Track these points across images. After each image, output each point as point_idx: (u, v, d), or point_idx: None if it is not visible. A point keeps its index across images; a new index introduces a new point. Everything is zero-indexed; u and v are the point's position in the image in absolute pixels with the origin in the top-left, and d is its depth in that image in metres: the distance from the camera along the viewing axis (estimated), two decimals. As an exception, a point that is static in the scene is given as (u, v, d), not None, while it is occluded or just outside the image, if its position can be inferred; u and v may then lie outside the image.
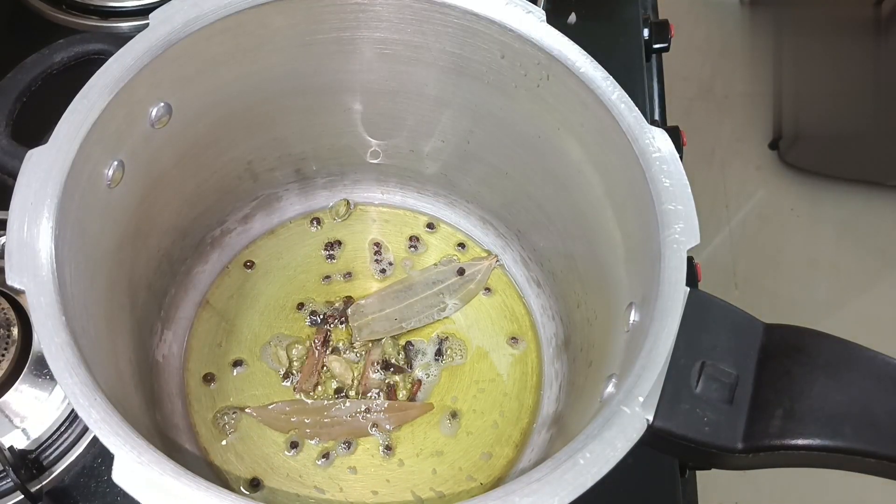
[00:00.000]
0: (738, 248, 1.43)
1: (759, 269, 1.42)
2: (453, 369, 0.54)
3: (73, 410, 0.49)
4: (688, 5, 1.64)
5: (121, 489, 0.30)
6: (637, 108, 0.41)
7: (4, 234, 0.38)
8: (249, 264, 0.57)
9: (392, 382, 0.53)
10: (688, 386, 0.35)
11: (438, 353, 0.54)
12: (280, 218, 0.59)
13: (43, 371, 0.49)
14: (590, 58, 0.42)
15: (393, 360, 0.53)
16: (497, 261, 0.58)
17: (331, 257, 0.58)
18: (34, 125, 0.42)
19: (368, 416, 0.51)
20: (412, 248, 0.59)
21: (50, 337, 0.33)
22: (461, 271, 0.57)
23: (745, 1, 1.69)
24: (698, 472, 0.57)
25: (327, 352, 0.53)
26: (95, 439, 0.44)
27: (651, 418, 0.34)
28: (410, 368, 0.53)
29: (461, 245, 0.59)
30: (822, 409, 0.34)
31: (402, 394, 0.52)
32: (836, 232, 1.46)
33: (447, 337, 0.55)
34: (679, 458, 0.52)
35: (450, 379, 0.54)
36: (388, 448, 0.51)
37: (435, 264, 0.58)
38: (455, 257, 0.58)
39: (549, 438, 0.51)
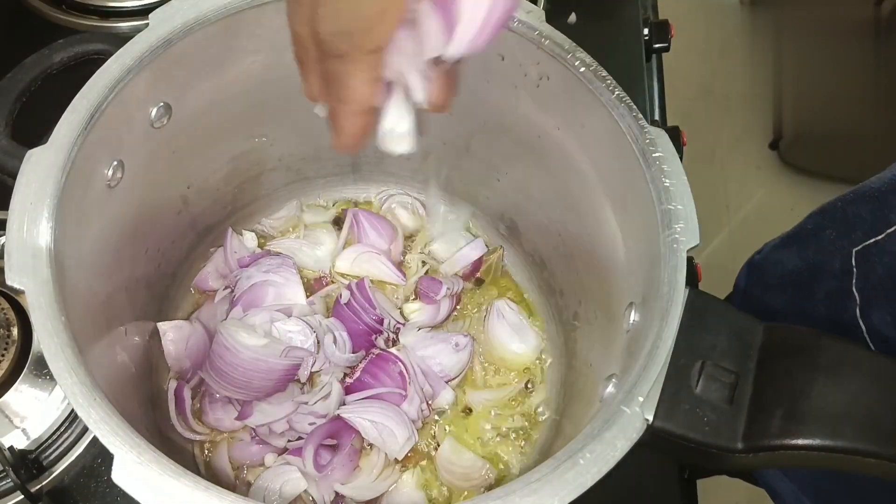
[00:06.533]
0: (738, 248, 1.43)
1: (760, 270, 1.42)
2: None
3: (73, 410, 0.49)
4: (688, 5, 1.64)
5: (121, 489, 0.30)
6: (637, 108, 0.41)
7: (4, 234, 0.38)
8: (249, 264, 0.57)
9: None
10: (688, 386, 0.35)
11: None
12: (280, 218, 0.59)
13: (43, 371, 0.49)
14: (590, 58, 0.42)
15: None
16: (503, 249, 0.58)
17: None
18: (34, 125, 0.42)
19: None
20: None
21: (50, 337, 0.33)
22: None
23: (745, 1, 1.68)
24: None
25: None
26: (95, 439, 0.44)
27: (651, 418, 0.34)
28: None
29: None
30: (823, 409, 0.34)
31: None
32: (836, 232, 1.46)
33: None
34: (679, 460, 0.52)
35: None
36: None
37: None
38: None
39: (549, 438, 0.51)
